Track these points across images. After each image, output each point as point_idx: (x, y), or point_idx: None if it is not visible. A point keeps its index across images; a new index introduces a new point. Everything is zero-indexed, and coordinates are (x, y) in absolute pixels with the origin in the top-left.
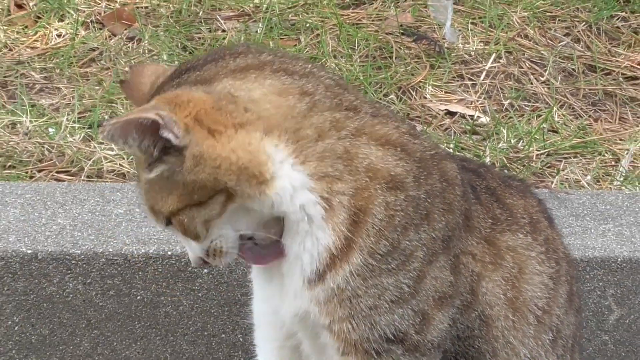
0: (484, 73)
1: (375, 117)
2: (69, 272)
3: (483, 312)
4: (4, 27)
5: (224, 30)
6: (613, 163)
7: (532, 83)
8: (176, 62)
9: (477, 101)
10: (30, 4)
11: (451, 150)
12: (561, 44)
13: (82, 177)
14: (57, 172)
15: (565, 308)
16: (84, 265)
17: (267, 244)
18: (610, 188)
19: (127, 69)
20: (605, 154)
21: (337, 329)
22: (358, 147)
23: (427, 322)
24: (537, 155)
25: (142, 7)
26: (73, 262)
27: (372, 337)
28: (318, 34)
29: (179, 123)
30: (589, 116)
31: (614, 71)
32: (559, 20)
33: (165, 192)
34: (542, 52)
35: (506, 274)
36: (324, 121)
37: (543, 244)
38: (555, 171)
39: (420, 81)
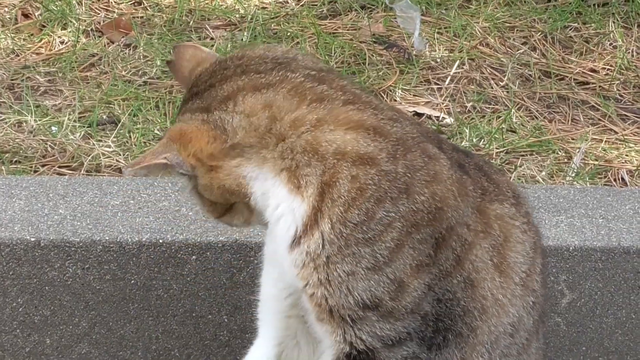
0: (449, 78)
1: (349, 104)
2: (69, 258)
3: (468, 276)
4: (12, 35)
5: (212, 39)
6: (565, 160)
7: (492, 87)
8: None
9: (443, 103)
10: (36, 14)
11: None
12: (519, 51)
13: (82, 172)
14: (59, 167)
15: (541, 276)
16: (83, 252)
17: None
18: (563, 183)
19: (128, 68)
20: (559, 152)
21: (312, 293)
22: (320, 136)
23: (402, 289)
24: (497, 153)
25: (138, 17)
26: (73, 249)
27: (347, 303)
28: (298, 42)
29: (185, 163)
30: (544, 118)
31: (567, 77)
32: (517, 30)
33: (201, 204)
34: (502, 59)
35: (493, 241)
36: (282, 126)
37: (525, 216)
38: (513, 167)
39: (390, 85)
